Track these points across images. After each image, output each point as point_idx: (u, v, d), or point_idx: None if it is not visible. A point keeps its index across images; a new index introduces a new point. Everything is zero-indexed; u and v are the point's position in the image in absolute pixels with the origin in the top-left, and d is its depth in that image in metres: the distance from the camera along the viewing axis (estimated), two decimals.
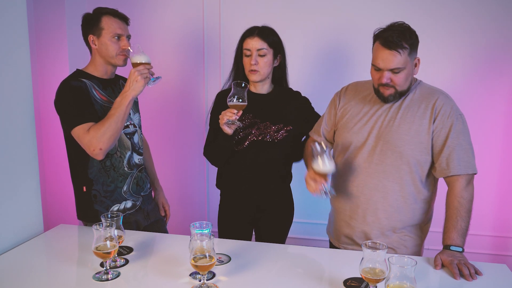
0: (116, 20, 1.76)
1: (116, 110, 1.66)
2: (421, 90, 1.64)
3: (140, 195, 1.90)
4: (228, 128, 1.75)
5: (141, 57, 1.72)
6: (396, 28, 1.52)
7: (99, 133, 1.63)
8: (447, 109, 1.58)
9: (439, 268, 1.45)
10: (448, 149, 1.56)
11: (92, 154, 1.66)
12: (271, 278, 1.41)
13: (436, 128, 1.57)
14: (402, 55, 1.50)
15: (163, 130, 3.01)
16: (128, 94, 1.67)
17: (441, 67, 2.56)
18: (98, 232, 1.35)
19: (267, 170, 1.92)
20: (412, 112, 1.60)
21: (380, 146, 1.61)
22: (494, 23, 2.47)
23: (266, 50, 1.85)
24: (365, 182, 1.64)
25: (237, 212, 1.98)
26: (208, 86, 2.88)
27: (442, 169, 1.58)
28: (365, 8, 2.59)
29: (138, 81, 1.67)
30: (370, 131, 1.64)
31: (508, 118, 2.55)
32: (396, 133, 1.59)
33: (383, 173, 1.61)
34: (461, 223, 1.52)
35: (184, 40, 2.87)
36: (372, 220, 1.65)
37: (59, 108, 1.71)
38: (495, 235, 2.68)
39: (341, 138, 1.72)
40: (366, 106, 1.68)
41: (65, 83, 1.72)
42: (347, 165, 1.68)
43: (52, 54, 2.79)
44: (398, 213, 1.63)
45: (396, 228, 1.65)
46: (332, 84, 2.70)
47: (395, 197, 1.62)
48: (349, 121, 1.70)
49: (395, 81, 1.55)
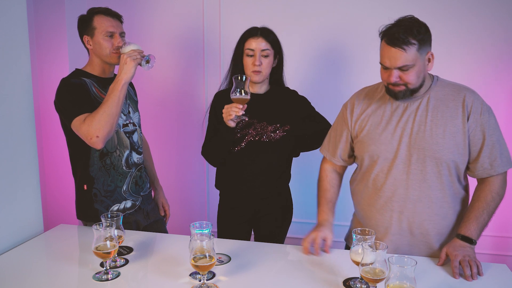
0: (108, 18, 1.76)
1: (109, 96, 1.64)
2: (443, 88, 1.55)
3: (140, 195, 1.90)
4: (233, 121, 1.75)
5: (130, 46, 1.70)
6: (402, 24, 1.44)
7: (95, 121, 1.61)
8: (478, 106, 1.49)
9: (441, 264, 1.44)
10: (488, 148, 1.49)
11: (90, 143, 1.63)
12: (271, 278, 1.41)
13: (471, 126, 1.49)
14: (409, 52, 1.41)
15: (163, 130, 3.01)
16: (120, 79, 1.65)
17: (440, 67, 2.56)
18: (98, 232, 1.35)
19: (265, 170, 1.92)
20: (442, 113, 1.51)
21: (416, 155, 1.51)
22: (496, 22, 2.47)
23: (269, 50, 1.85)
24: (406, 196, 1.54)
25: (236, 212, 1.99)
26: (208, 86, 2.88)
27: (485, 169, 1.51)
28: (364, 8, 2.59)
29: (128, 63, 1.65)
30: (400, 140, 1.53)
31: (508, 118, 2.55)
32: (430, 138, 1.50)
33: (424, 182, 1.52)
34: (486, 217, 1.48)
35: (184, 40, 2.87)
36: (419, 232, 1.56)
37: (59, 103, 1.71)
38: (495, 235, 2.68)
39: (366, 152, 1.60)
40: (387, 112, 1.58)
41: (65, 80, 1.73)
42: (381, 180, 1.57)
43: (52, 54, 2.79)
44: (443, 219, 1.55)
45: (442, 235, 1.57)
46: (331, 84, 2.72)
47: (440, 204, 1.53)
48: (372, 132, 1.58)
49: (405, 79, 1.46)
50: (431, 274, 1.43)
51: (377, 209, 1.61)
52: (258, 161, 1.90)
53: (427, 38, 1.46)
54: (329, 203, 1.69)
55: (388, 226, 1.59)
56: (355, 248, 1.33)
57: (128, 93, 1.92)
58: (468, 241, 1.46)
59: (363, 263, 1.22)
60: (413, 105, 1.54)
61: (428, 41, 1.47)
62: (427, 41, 1.46)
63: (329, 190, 1.72)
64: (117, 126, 1.79)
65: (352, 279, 1.37)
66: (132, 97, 1.96)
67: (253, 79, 1.87)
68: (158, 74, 2.94)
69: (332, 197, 1.71)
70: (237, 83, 1.71)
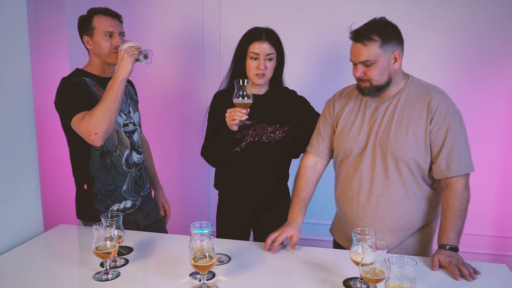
0: (107, 18, 1.76)
1: (107, 92, 1.64)
2: (415, 89, 1.60)
3: (140, 195, 1.90)
4: (236, 126, 1.74)
5: (127, 43, 1.69)
6: (369, 22, 1.53)
7: (93, 117, 1.60)
8: (443, 108, 1.54)
9: (436, 269, 1.45)
10: (446, 150, 1.54)
11: (89, 140, 1.62)
12: (271, 278, 1.41)
13: (433, 128, 1.54)
14: (370, 47, 1.50)
15: (163, 130, 3.01)
16: (118, 75, 1.65)
17: (441, 67, 2.56)
18: (98, 232, 1.35)
19: (264, 170, 1.92)
20: (408, 114, 1.57)
21: (380, 153, 1.59)
22: (493, 22, 2.47)
23: (273, 54, 1.84)
24: (371, 190, 1.62)
25: (235, 212, 1.98)
26: (208, 86, 2.88)
27: (441, 171, 1.55)
28: (364, 8, 2.59)
29: (125, 58, 1.64)
30: (368, 137, 1.62)
31: (508, 117, 2.55)
32: (394, 138, 1.57)
33: (386, 179, 1.59)
34: (459, 223, 1.51)
35: (184, 40, 2.87)
36: (382, 227, 1.63)
37: (59, 102, 1.71)
38: (495, 235, 2.68)
39: (341, 147, 1.69)
40: (361, 109, 1.66)
41: (66, 80, 1.74)
42: (351, 174, 1.66)
43: (52, 54, 2.79)
44: (407, 216, 1.61)
45: (407, 230, 1.63)
46: (330, 84, 2.71)
47: (402, 201, 1.60)
48: (346, 128, 1.68)
49: (369, 75, 1.54)
50: (431, 274, 1.43)
51: (346, 201, 1.70)
52: (257, 161, 1.90)
53: (392, 37, 1.53)
54: (301, 202, 1.73)
55: (355, 218, 1.67)
56: (355, 248, 1.33)
57: (129, 92, 1.93)
58: (452, 250, 1.49)
59: (363, 263, 1.22)
60: (384, 105, 1.61)
61: (393, 40, 1.53)
62: (391, 40, 1.52)
63: (303, 188, 1.76)
64: (117, 125, 1.79)
65: (352, 279, 1.37)
66: (133, 96, 1.96)
67: (256, 82, 1.86)
68: (158, 74, 2.94)
69: (305, 196, 1.75)
70: (238, 87, 1.69)
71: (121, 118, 1.82)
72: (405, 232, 1.64)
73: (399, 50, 1.55)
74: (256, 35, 1.84)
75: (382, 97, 1.62)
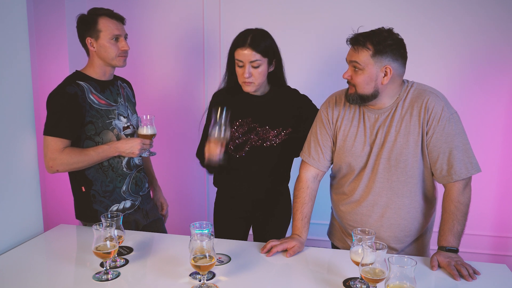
0: (113, 21, 1.74)
1: (98, 155, 1.72)
2: (412, 95, 1.55)
3: (139, 195, 1.90)
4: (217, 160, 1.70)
5: (147, 129, 1.80)
6: (372, 30, 1.50)
7: (68, 162, 1.69)
8: (438, 110, 1.50)
9: (436, 269, 1.45)
10: (445, 155, 1.50)
11: (46, 167, 1.71)
12: (271, 278, 1.41)
13: (428, 131, 1.51)
14: (361, 54, 1.47)
15: (163, 130, 3.00)
16: (117, 151, 1.74)
17: (440, 67, 2.56)
18: (98, 232, 1.35)
19: (266, 173, 1.91)
20: (406, 122, 1.53)
21: (382, 165, 1.56)
22: (493, 23, 2.47)
23: (260, 61, 1.72)
24: (374, 202, 1.60)
25: (234, 212, 1.98)
26: (207, 86, 2.88)
27: (443, 176, 1.53)
28: (365, 9, 2.59)
29: (134, 151, 1.74)
30: (370, 151, 1.58)
31: (508, 118, 2.55)
32: (395, 148, 1.54)
33: (390, 190, 1.57)
34: (458, 226, 1.50)
35: (184, 40, 2.87)
36: (388, 235, 1.62)
37: (46, 109, 1.71)
38: (495, 235, 2.68)
39: (343, 162, 1.65)
40: (360, 123, 1.61)
41: (60, 88, 1.71)
42: (355, 187, 1.64)
43: (52, 54, 2.79)
44: (412, 223, 1.60)
45: (411, 237, 1.63)
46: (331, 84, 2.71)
47: (407, 210, 1.59)
48: (348, 143, 1.63)
49: (354, 79, 1.51)
50: (431, 274, 1.43)
51: (350, 213, 1.67)
52: (260, 164, 1.89)
53: (388, 51, 1.46)
54: (304, 218, 1.68)
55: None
56: (355, 248, 1.33)
57: (126, 94, 1.92)
58: (451, 251, 1.49)
59: (363, 263, 1.22)
60: (383, 116, 1.57)
61: (388, 54, 1.47)
62: (386, 53, 1.46)
63: (307, 203, 1.70)
64: (117, 129, 1.79)
65: (352, 279, 1.37)
66: (130, 99, 1.95)
67: (245, 89, 1.79)
68: (158, 74, 2.94)
69: (308, 211, 1.70)
70: (216, 116, 1.63)
71: (121, 121, 1.82)
72: (410, 238, 1.64)
73: (394, 66, 1.48)
74: (239, 42, 1.75)
75: (380, 108, 1.57)
